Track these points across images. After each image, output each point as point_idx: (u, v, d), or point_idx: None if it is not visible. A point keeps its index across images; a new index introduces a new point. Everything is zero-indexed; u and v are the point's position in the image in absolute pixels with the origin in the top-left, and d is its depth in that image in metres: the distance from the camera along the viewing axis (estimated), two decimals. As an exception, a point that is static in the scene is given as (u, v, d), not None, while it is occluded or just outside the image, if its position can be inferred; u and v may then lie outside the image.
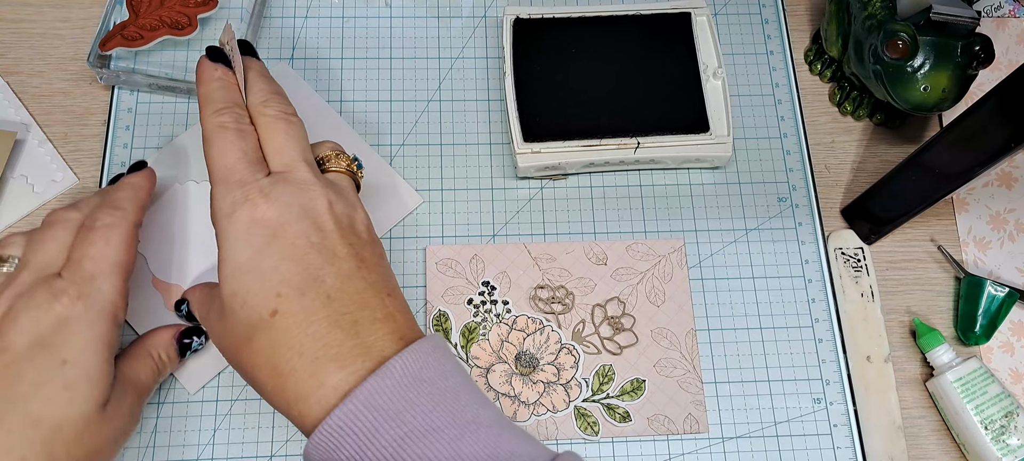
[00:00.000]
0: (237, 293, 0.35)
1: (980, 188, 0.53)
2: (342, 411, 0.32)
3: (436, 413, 0.33)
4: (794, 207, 0.51)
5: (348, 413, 0.32)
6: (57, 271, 0.37)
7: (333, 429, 0.32)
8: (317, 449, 0.33)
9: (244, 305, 0.35)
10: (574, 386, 0.46)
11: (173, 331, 0.43)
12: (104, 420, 0.36)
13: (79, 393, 0.35)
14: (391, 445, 0.32)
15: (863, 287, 0.49)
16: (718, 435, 0.46)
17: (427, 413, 0.33)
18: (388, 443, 0.32)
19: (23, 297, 0.36)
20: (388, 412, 0.32)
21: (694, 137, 0.49)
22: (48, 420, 0.34)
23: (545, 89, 0.50)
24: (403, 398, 0.33)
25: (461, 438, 0.32)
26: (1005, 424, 0.44)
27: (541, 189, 0.51)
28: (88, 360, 0.36)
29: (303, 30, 0.53)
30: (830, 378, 0.47)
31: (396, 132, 0.51)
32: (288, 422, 0.44)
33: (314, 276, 0.35)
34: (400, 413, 0.32)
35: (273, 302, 0.34)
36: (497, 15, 0.55)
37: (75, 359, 0.35)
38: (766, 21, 0.56)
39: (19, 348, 0.35)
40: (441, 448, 0.32)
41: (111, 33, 0.49)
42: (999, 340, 0.49)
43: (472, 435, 0.33)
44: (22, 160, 0.49)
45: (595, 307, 0.48)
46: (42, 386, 0.34)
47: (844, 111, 0.54)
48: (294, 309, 0.34)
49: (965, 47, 0.47)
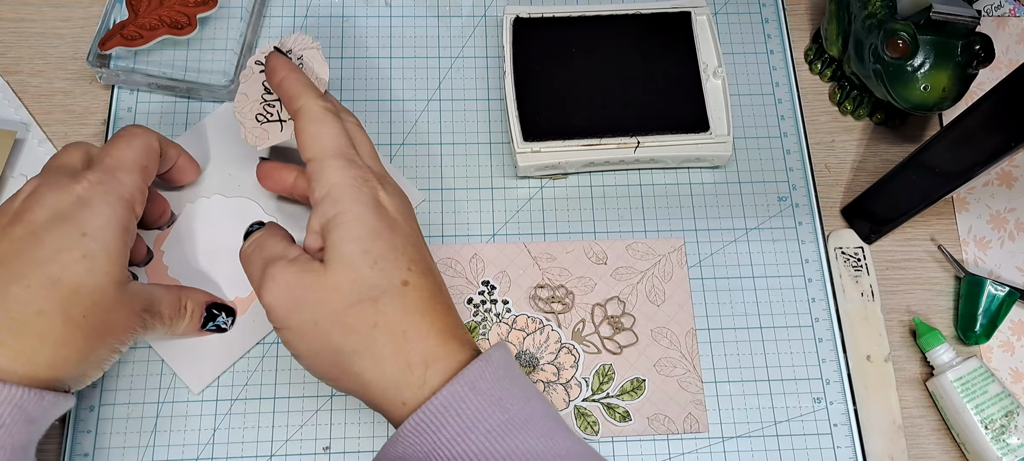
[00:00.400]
0: (370, 252, 0.36)
1: (980, 187, 0.53)
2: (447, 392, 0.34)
3: (530, 405, 0.35)
4: (794, 206, 0.51)
5: (454, 394, 0.34)
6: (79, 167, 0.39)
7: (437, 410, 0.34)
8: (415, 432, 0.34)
9: (376, 265, 0.36)
10: (574, 385, 0.46)
11: (208, 297, 0.44)
12: (119, 301, 0.37)
13: (98, 264, 0.36)
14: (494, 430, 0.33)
15: (863, 286, 0.49)
16: (718, 435, 0.46)
17: (523, 404, 0.35)
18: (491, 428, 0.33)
19: (45, 182, 0.38)
20: (491, 397, 0.34)
21: (694, 136, 0.49)
22: (66, 282, 0.35)
23: (545, 88, 0.50)
24: (501, 385, 0.35)
25: (554, 432, 0.35)
26: (1005, 423, 0.44)
27: (541, 188, 0.51)
28: (107, 236, 0.37)
29: (303, 29, 0.53)
30: (830, 377, 0.47)
31: (396, 131, 0.51)
32: (287, 422, 0.44)
33: (429, 267, 0.38)
34: (502, 399, 0.34)
35: (404, 274, 0.36)
36: (497, 14, 0.55)
37: (94, 233, 0.36)
38: (766, 20, 0.56)
39: (40, 220, 0.36)
40: (538, 438, 0.34)
41: (111, 32, 0.49)
42: (999, 339, 0.49)
43: (563, 430, 0.36)
44: (22, 159, 0.49)
45: (595, 306, 0.48)
46: (62, 252, 0.35)
47: (844, 110, 0.54)
48: (422, 285, 0.37)
49: (965, 46, 0.47)
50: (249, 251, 0.40)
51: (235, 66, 0.50)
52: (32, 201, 0.37)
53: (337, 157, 0.38)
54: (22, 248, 0.35)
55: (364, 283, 0.35)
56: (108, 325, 0.37)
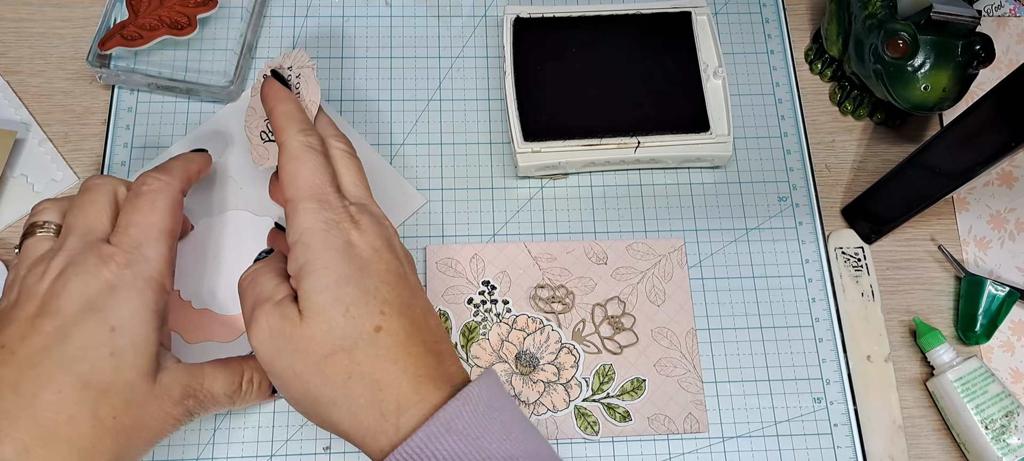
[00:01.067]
0: (341, 300, 0.35)
1: (980, 187, 0.53)
2: (423, 434, 0.33)
3: (508, 443, 0.34)
4: (794, 206, 0.51)
5: (429, 435, 0.33)
6: (104, 237, 0.38)
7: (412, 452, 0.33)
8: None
9: (347, 313, 0.35)
10: (574, 386, 0.46)
11: None
12: (153, 395, 0.36)
13: (126, 360, 0.35)
14: None
15: (863, 286, 0.49)
16: (718, 434, 0.46)
17: (501, 441, 0.34)
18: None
19: (74, 262, 0.36)
20: (467, 436, 0.34)
21: (694, 136, 0.49)
22: (96, 383, 0.34)
23: (545, 88, 0.50)
24: (479, 424, 0.34)
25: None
26: (1005, 423, 0.44)
27: (541, 188, 0.51)
28: (136, 328, 0.36)
29: (303, 29, 0.53)
30: (830, 377, 0.47)
31: (396, 131, 0.51)
32: (288, 422, 0.44)
33: (407, 303, 0.37)
34: (478, 439, 0.34)
35: (377, 318, 0.35)
36: (497, 14, 0.55)
37: (122, 326, 0.35)
38: (766, 20, 0.56)
39: (69, 312, 0.35)
40: None
41: (111, 32, 0.49)
42: (999, 339, 0.49)
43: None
44: (22, 159, 0.49)
45: (595, 306, 0.48)
46: (90, 350, 0.35)
47: (844, 110, 0.54)
48: (396, 328, 0.35)
49: (965, 46, 0.47)
50: (244, 284, 0.39)
51: (235, 67, 0.50)
52: (59, 287, 0.35)
53: (310, 200, 0.37)
54: (50, 345, 0.34)
55: (337, 333, 0.35)
56: (140, 423, 0.36)
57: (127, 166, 0.49)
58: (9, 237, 0.47)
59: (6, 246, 0.47)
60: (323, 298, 0.35)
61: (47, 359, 0.34)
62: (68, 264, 0.36)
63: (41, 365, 0.34)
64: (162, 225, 0.38)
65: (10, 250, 0.47)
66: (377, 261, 0.37)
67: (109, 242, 0.37)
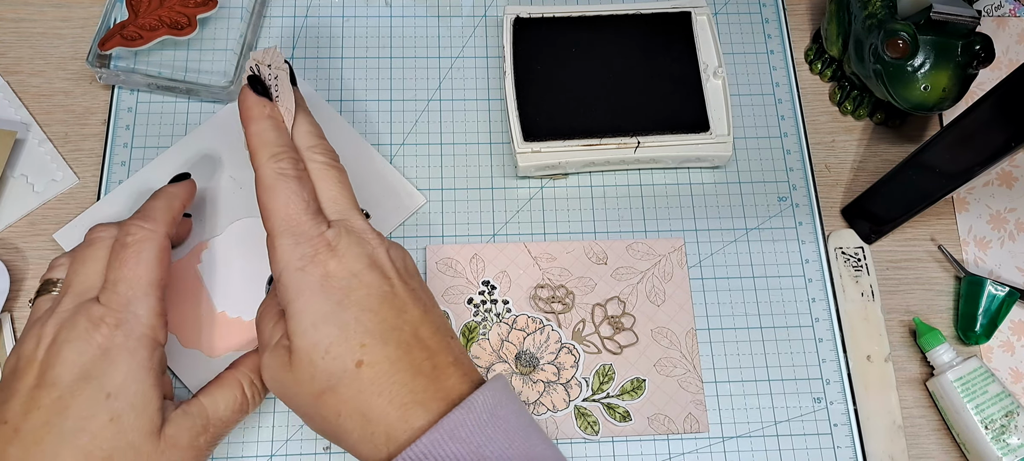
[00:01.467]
0: (318, 344, 0.35)
1: (980, 187, 0.53)
2: (427, 439, 0.33)
3: (511, 449, 0.34)
4: (794, 206, 0.51)
5: (433, 442, 0.33)
6: (95, 296, 0.37)
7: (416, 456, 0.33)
8: None
9: (327, 355, 0.35)
10: (574, 385, 0.46)
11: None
12: (160, 451, 0.36)
13: (126, 424, 0.35)
14: None
15: (863, 286, 0.49)
16: (718, 434, 0.46)
17: (503, 449, 0.34)
18: None
19: (65, 326, 0.36)
20: (469, 444, 0.33)
21: (694, 136, 0.49)
22: (98, 453, 0.34)
23: (545, 88, 0.50)
24: (482, 433, 0.34)
25: None
26: (1005, 423, 0.44)
27: (541, 188, 0.51)
28: (131, 390, 0.36)
29: (303, 29, 0.53)
30: (830, 377, 0.47)
31: (396, 132, 0.51)
32: (288, 422, 0.44)
33: (393, 326, 0.36)
34: (479, 447, 0.33)
35: (358, 353, 0.35)
36: (497, 14, 0.55)
37: (117, 391, 0.35)
38: (766, 20, 0.56)
39: (65, 382, 0.35)
40: None
41: (111, 33, 0.49)
42: (999, 339, 0.49)
43: None
44: (22, 159, 0.49)
45: (595, 306, 0.48)
46: (89, 420, 0.35)
47: (844, 110, 0.54)
48: (379, 359, 0.35)
49: (965, 46, 0.47)
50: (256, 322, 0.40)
51: (235, 67, 0.50)
52: (54, 355, 0.36)
53: (284, 235, 0.36)
54: (50, 419, 0.34)
55: (321, 375, 0.35)
56: None
57: (127, 166, 0.49)
58: (9, 237, 0.47)
59: (6, 246, 0.47)
60: (303, 343, 0.35)
61: (50, 434, 0.34)
62: (60, 328, 0.36)
63: (45, 441, 0.34)
64: (149, 277, 0.38)
65: (10, 251, 0.47)
66: (357, 287, 0.36)
67: (99, 301, 0.37)
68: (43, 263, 0.47)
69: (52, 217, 0.48)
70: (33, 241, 0.47)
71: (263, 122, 0.39)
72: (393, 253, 0.38)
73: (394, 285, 0.37)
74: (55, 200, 0.48)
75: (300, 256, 0.36)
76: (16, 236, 0.47)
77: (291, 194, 0.37)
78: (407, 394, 0.35)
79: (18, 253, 0.47)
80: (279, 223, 0.37)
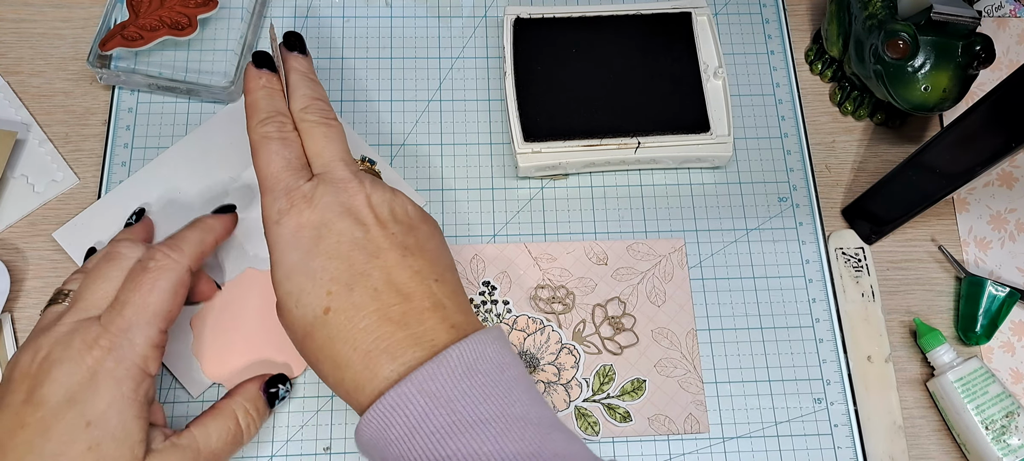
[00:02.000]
0: (291, 293, 0.36)
1: (981, 188, 0.53)
2: (395, 393, 0.33)
3: (486, 405, 0.33)
4: (795, 207, 0.51)
5: (401, 395, 0.33)
6: (98, 314, 0.37)
7: (385, 409, 0.33)
8: (368, 426, 0.34)
9: (299, 304, 0.36)
10: (574, 386, 0.46)
11: (258, 382, 0.42)
12: None
13: (105, 454, 0.34)
14: (437, 432, 0.33)
15: (864, 287, 0.49)
16: (718, 435, 0.46)
17: (477, 404, 0.33)
18: (435, 429, 0.33)
19: (60, 344, 0.36)
20: (439, 399, 0.33)
21: (694, 137, 0.49)
22: None
23: (545, 89, 0.50)
24: (456, 387, 0.33)
25: (506, 433, 0.33)
26: (1006, 424, 0.44)
27: (541, 189, 0.51)
28: (112, 420, 0.35)
29: (303, 29, 0.53)
30: (831, 378, 0.47)
31: (396, 132, 0.51)
32: (288, 423, 0.45)
33: (361, 271, 0.36)
34: (451, 401, 0.33)
35: (325, 300, 0.36)
36: (497, 15, 0.55)
37: (98, 420, 0.35)
38: (767, 21, 0.56)
39: (51, 403, 0.35)
40: (485, 441, 0.32)
41: (111, 33, 0.49)
42: (1000, 340, 0.49)
43: (519, 431, 0.33)
44: (23, 160, 0.49)
45: (595, 307, 0.48)
46: (68, 446, 0.34)
47: (845, 111, 0.54)
48: (344, 305, 0.35)
49: (966, 47, 0.47)
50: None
51: (235, 67, 0.50)
52: (44, 372, 0.35)
53: (267, 192, 0.38)
54: (33, 440, 0.34)
55: (298, 323, 0.36)
56: None
57: (127, 166, 0.49)
58: (9, 237, 0.47)
59: (6, 246, 0.47)
60: (280, 293, 0.37)
61: (30, 455, 0.34)
62: (55, 345, 0.36)
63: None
64: (157, 308, 0.37)
65: (10, 251, 0.47)
66: (326, 235, 0.36)
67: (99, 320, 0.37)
68: (43, 263, 0.47)
69: (52, 217, 0.48)
70: (33, 241, 0.47)
71: (257, 92, 0.40)
72: (375, 198, 0.38)
73: (368, 230, 0.37)
74: (55, 200, 0.48)
75: (277, 210, 0.37)
76: (16, 236, 0.47)
77: (271, 154, 0.38)
78: (371, 341, 0.35)
79: (18, 253, 0.47)
80: (263, 181, 0.38)
